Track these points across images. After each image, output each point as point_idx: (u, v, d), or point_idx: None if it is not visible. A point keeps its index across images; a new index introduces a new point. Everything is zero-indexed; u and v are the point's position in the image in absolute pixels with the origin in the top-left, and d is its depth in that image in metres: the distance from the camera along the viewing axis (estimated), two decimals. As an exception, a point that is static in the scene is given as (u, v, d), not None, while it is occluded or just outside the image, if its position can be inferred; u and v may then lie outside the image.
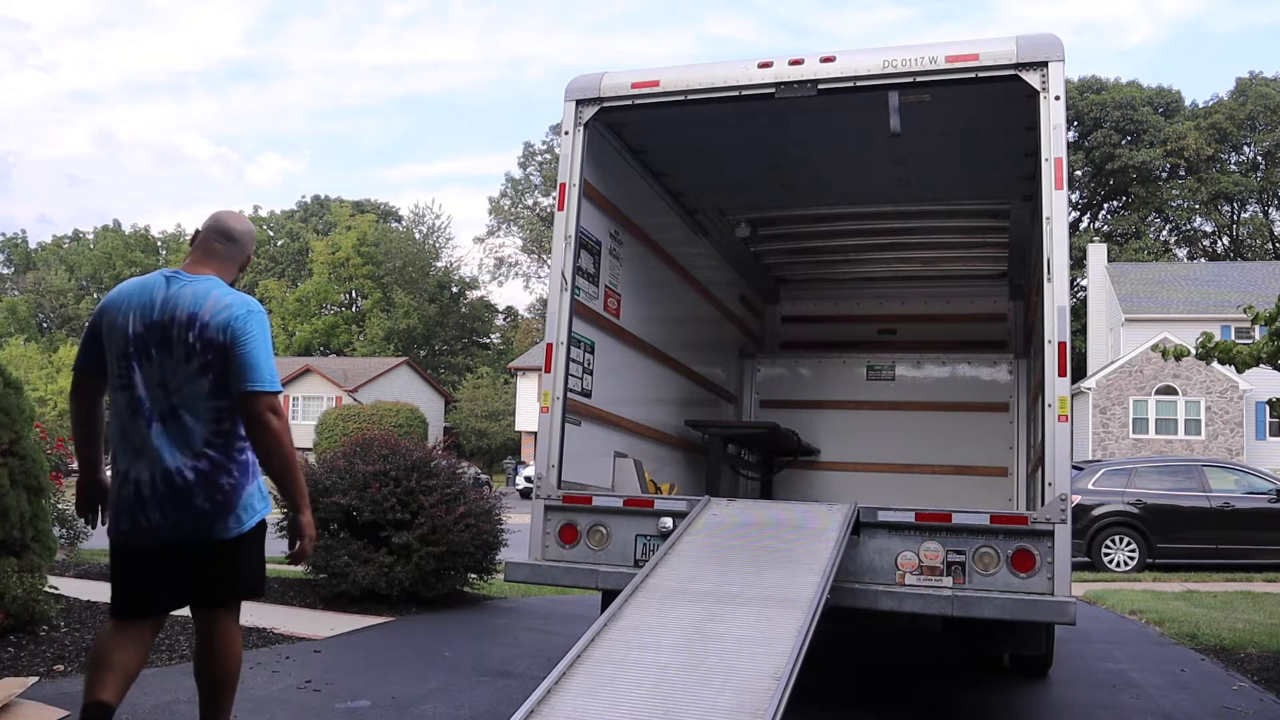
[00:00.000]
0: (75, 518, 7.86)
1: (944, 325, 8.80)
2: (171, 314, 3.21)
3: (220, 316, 3.20)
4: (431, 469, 7.53)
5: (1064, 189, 4.46)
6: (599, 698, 3.15)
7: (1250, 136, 53.12)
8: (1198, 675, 6.21)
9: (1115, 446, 31.44)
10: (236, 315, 3.21)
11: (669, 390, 6.97)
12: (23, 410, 5.61)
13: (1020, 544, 4.29)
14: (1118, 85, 53.53)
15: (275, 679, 4.94)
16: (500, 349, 65.49)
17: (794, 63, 4.92)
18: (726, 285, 8.22)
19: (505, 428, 48.69)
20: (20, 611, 5.29)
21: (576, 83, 5.33)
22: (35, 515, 5.59)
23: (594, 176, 5.50)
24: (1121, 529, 13.81)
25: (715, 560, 4.27)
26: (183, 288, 3.26)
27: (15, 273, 72.27)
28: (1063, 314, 4.39)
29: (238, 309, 3.23)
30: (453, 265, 66.62)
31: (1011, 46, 4.59)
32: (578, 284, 5.34)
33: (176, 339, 3.19)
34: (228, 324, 3.19)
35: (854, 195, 7.19)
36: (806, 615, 3.59)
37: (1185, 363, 27.01)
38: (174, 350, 3.19)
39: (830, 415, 8.56)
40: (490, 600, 8.21)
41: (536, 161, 65.55)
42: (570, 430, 5.23)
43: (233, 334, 3.19)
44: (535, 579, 5.17)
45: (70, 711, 4.10)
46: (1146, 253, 51.10)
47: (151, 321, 3.22)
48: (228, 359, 3.18)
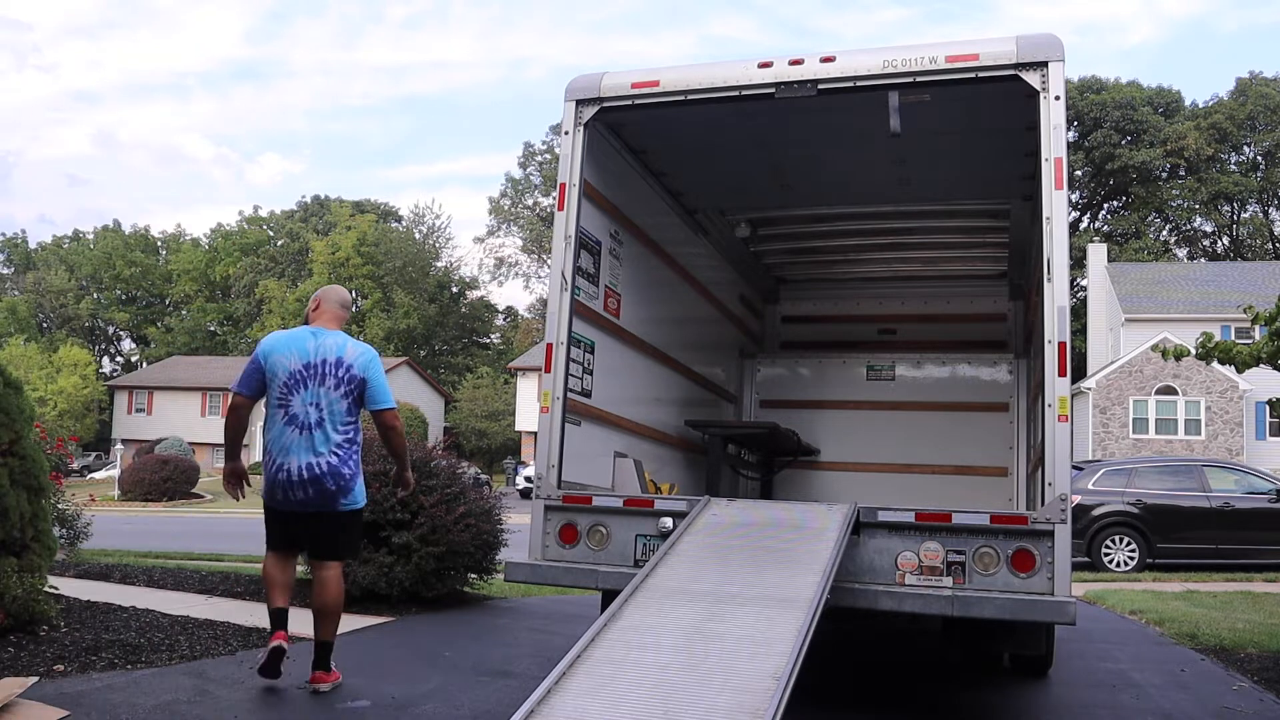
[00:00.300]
0: (75, 518, 7.88)
1: (944, 325, 8.80)
2: (324, 357, 4.71)
3: (360, 360, 4.75)
4: (431, 469, 7.53)
5: (1064, 189, 4.46)
6: (599, 698, 3.15)
7: (1250, 136, 53.12)
8: (1198, 675, 6.21)
9: (1115, 446, 31.44)
10: (370, 359, 4.80)
11: (669, 390, 6.97)
12: (23, 410, 5.61)
13: (1020, 544, 4.29)
14: (1118, 85, 53.53)
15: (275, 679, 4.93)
16: (500, 349, 65.52)
17: (794, 63, 4.92)
18: (726, 285, 8.22)
19: (505, 428, 48.71)
20: (20, 611, 5.29)
21: (576, 83, 5.33)
22: (35, 515, 5.59)
23: (594, 176, 5.50)
24: (1121, 529, 13.82)
25: (715, 560, 4.27)
26: (325, 339, 4.78)
27: (15, 273, 72.23)
28: (1063, 314, 4.38)
29: (369, 354, 4.82)
30: (453, 265, 66.71)
31: (1011, 46, 4.59)
32: (578, 284, 5.34)
33: (329, 374, 4.69)
34: (366, 365, 4.76)
35: (854, 195, 7.19)
36: (806, 615, 3.59)
37: (1185, 363, 27.01)
38: (326, 381, 4.68)
39: (830, 415, 8.56)
40: (490, 600, 8.21)
41: (536, 161, 65.58)
42: (570, 430, 5.23)
43: (368, 371, 4.76)
44: (535, 579, 5.17)
45: (70, 711, 4.10)
46: (1146, 253, 51.10)
47: (310, 361, 4.69)
48: (364, 388, 4.74)
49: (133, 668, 4.94)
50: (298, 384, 4.66)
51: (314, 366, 4.69)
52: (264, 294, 65.37)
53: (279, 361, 4.70)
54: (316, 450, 4.62)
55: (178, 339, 66.83)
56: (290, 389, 4.67)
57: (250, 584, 7.92)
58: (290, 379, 4.68)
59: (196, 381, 51.79)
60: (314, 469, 4.61)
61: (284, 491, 4.64)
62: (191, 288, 69.01)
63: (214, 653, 5.38)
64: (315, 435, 4.62)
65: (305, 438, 4.62)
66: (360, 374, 4.72)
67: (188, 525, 21.78)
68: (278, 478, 4.64)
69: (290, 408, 4.65)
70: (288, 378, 4.68)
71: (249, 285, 67.13)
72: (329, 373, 4.69)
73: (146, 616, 6.12)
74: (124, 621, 5.92)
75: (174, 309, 71.55)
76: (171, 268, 70.33)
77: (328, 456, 4.64)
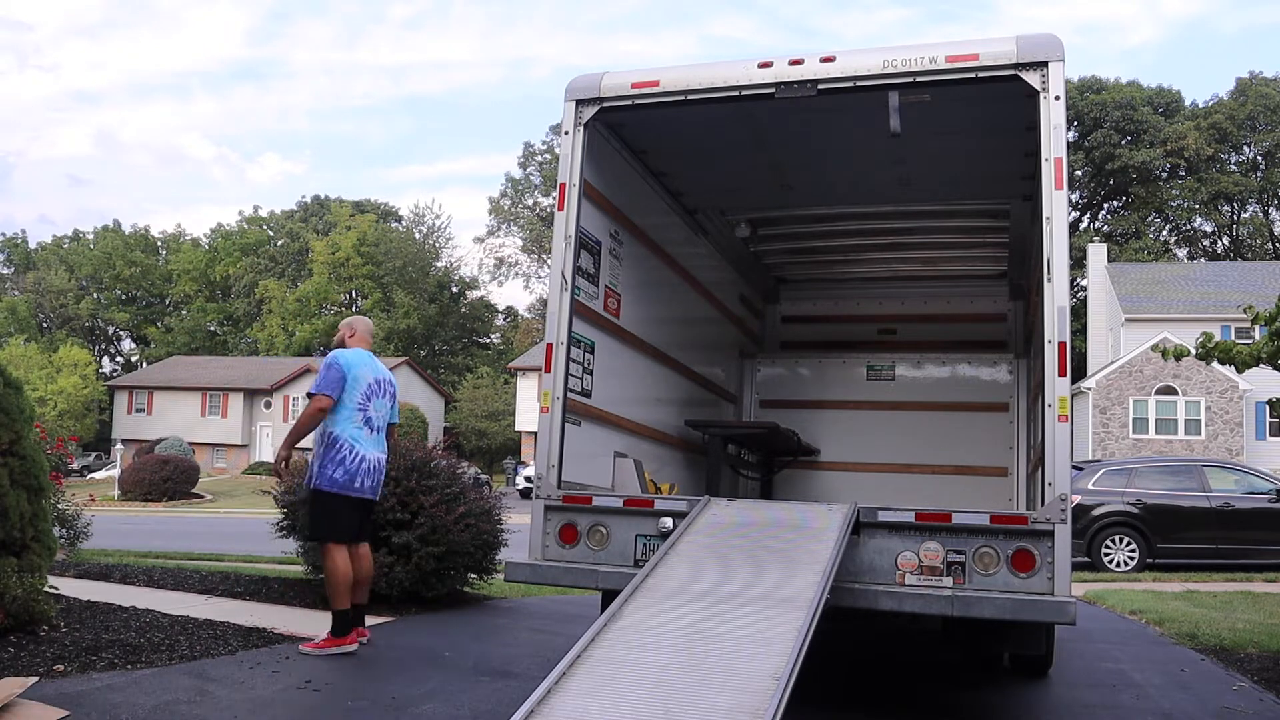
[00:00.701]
0: (75, 518, 7.88)
1: (944, 325, 8.80)
2: (386, 375, 5.97)
3: (392, 379, 6.06)
4: (431, 469, 7.52)
5: (1064, 189, 4.46)
6: (599, 698, 3.15)
7: (1250, 136, 53.13)
8: (1198, 675, 6.20)
9: (1115, 446, 31.44)
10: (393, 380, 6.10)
11: (669, 390, 6.97)
12: (23, 410, 5.61)
13: (1020, 544, 4.29)
14: (1118, 85, 53.53)
15: (275, 679, 4.94)
16: (500, 349, 65.52)
17: (794, 63, 4.92)
18: (726, 285, 8.22)
19: (505, 428, 48.72)
20: (20, 611, 5.28)
21: (576, 83, 5.33)
22: (35, 515, 5.59)
23: (594, 176, 5.50)
24: (1121, 529, 13.82)
25: (715, 560, 4.27)
26: (378, 361, 6.01)
27: (15, 273, 72.23)
28: (1063, 314, 4.38)
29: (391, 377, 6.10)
30: (453, 265, 66.71)
31: (1011, 46, 4.59)
32: (578, 284, 5.34)
33: (387, 388, 5.92)
34: (394, 384, 6.06)
35: (854, 195, 7.19)
36: (806, 615, 3.59)
37: (1185, 363, 27.02)
38: (385, 394, 5.89)
39: (830, 415, 8.56)
40: (490, 600, 8.21)
41: (536, 161, 65.59)
42: (570, 430, 5.23)
43: (396, 390, 6.06)
44: (535, 579, 5.17)
45: (70, 711, 4.10)
46: (1146, 253, 51.11)
47: (380, 377, 5.88)
48: (393, 403, 6.00)
49: (133, 668, 4.94)
50: (374, 394, 5.80)
51: (385, 381, 5.96)
52: (264, 294, 65.38)
53: (359, 374, 5.76)
54: (382, 447, 5.89)
55: (178, 339, 66.85)
56: (368, 397, 5.77)
57: (250, 584, 7.92)
58: (368, 389, 5.78)
59: (196, 381, 51.80)
60: (383, 462, 5.86)
61: (370, 480, 5.74)
62: (191, 288, 69.02)
63: (214, 653, 5.38)
64: (379, 435, 5.87)
65: (378, 437, 5.84)
66: (394, 390, 6.07)
67: (188, 525, 21.79)
68: (363, 468, 5.64)
69: (368, 411, 5.77)
70: (367, 388, 5.78)
71: (249, 285, 67.14)
72: (387, 388, 5.95)
73: (146, 616, 6.12)
74: (124, 621, 5.92)
75: (174, 309, 71.57)
76: (171, 268, 70.33)
77: (386, 454, 5.95)
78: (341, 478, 5.54)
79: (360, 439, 5.62)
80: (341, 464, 5.54)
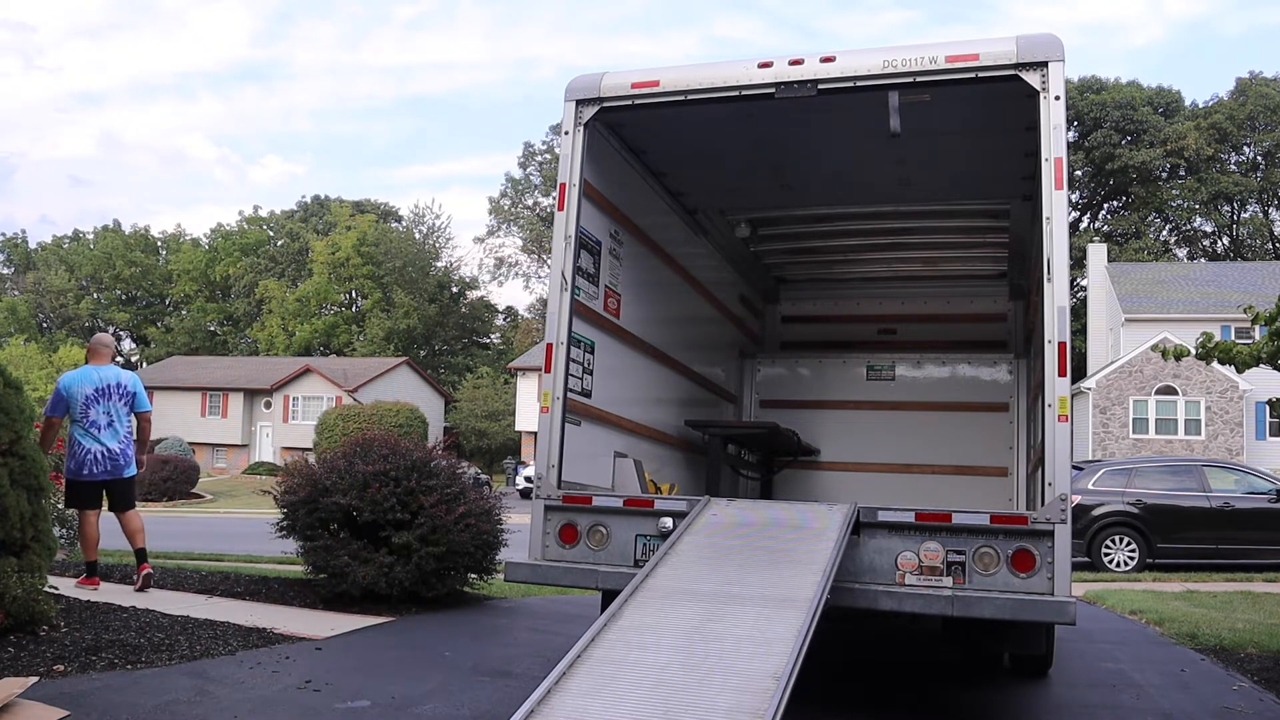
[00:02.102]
0: (75, 518, 7.87)
1: (944, 325, 8.80)
2: (111, 381, 7.28)
3: (121, 380, 7.34)
4: (431, 469, 7.52)
5: (1064, 189, 4.46)
6: (599, 698, 3.15)
7: (1250, 136, 53.12)
8: (1198, 675, 6.20)
9: (1115, 446, 31.44)
10: (134, 379, 7.47)
11: (669, 390, 6.97)
12: (23, 410, 5.61)
13: (1020, 544, 4.29)
14: (1118, 85, 53.52)
15: (275, 679, 4.94)
16: (500, 349, 65.50)
17: (794, 63, 4.92)
18: (726, 285, 8.22)
19: (505, 428, 48.70)
20: (20, 611, 5.28)
21: (576, 83, 5.33)
22: (35, 515, 5.59)
23: (594, 176, 5.50)
24: (1121, 529, 13.82)
25: (715, 560, 4.27)
26: (109, 369, 7.37)
27: (15, 273, 72.24)
28: (1063, 314, 4.39)
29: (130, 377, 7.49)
30: (453, 265, 66.67)
31: (1011, 46, 4.59)
32: (578, 284, 5.34)
33: (113, 391, 7.25)
34: (124, 384, 7.35)
35: (854, 195, 7.19)
36: (806, 615, 3.59)
37: (1185, 363, 27.01)
38: (110, 396, 7.23)
39: (830, 415, 8.56)
40: (490, 600, 8.21)
41: (537, 161, 65.59)
42: (570, 430, 5.23)
43: (127, 386, 7.38)
44: (535, 579, 5.17)
45: (70, 711, 4.10)
46: (1146, 253, 51.11)
47: (100, 386, 7.21)
48: (131, 398, 7.37)
49: (133, 668, 4.94)
50: (98, 401, 7.18)
51: (111, 388, 7.26)
52: (264, 294, 65.37)
53: (80, 389, 7.17)
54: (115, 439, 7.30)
55: (177, 339, 66.84)
56: (92, 405, 7.16)
57: (250, 584, 7.92)
58: (96, 396, 7.20)
59: (196, 381, 51.77)
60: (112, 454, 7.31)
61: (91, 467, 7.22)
62: (191, 288, 69.01)
63: (214, 653, 5.38)
64: (111, 430, 7.28)
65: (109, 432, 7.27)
66: (130, 391, 7.34)
67: (188, 525, 21.78)
68: (87, 458, 7.17)
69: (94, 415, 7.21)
70: (94, 394, 7.19)
71: (249, 285, 67.12)
72: (115, 392, 7.26)
73: (146, 616, 6.12)
74: (124, 621, 5.92)
75: (174, 309, 71.56)
76: (171, 268, 70.32)
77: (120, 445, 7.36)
78: (74, 468, 7.15)
79: (85, 439, 7.13)
80: (74, 458, 7.14)
